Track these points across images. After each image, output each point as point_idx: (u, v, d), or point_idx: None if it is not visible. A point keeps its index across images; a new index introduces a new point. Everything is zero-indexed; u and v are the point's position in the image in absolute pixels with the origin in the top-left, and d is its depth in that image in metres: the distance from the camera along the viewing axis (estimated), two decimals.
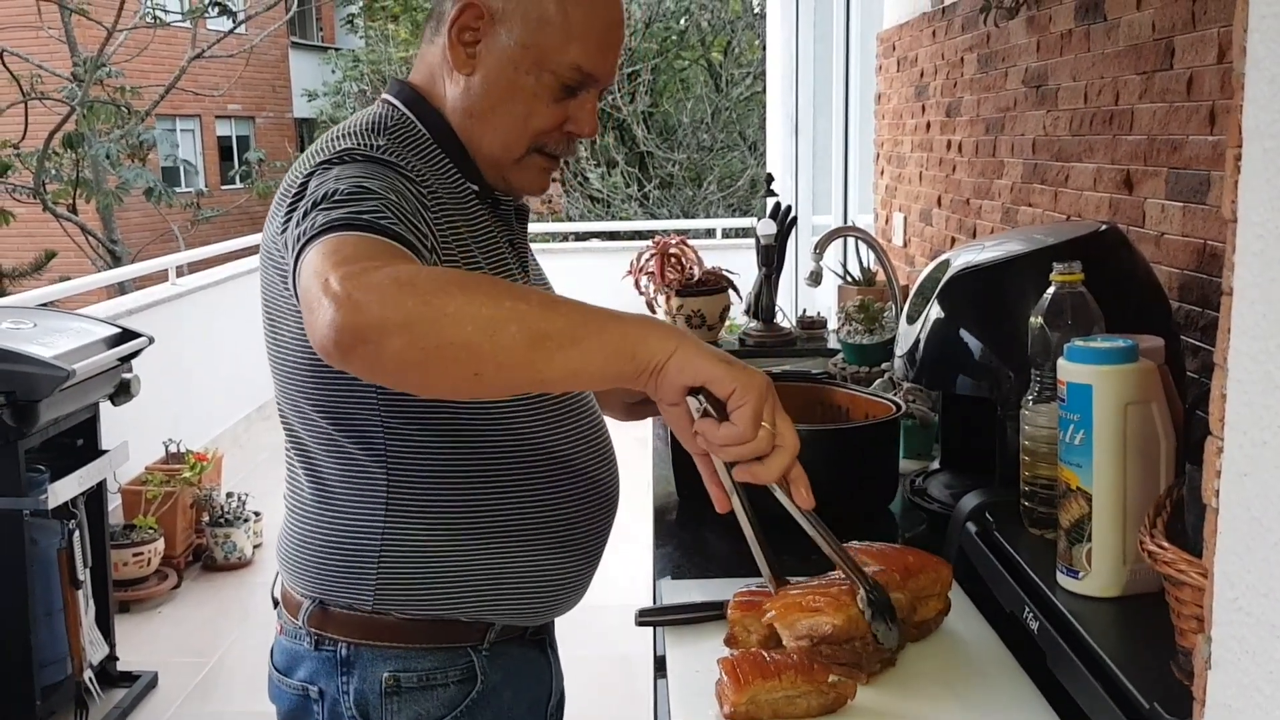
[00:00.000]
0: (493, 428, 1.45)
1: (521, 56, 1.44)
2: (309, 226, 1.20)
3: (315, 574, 1.49)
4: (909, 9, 3.87)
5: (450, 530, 1.45)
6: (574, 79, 1.46)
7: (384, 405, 1.41)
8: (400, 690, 1.47)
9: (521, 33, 1.43)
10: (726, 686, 1.28)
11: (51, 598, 3.55)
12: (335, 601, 1.48)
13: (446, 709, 1.49)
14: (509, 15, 1.43)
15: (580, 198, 14.35)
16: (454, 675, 1.49)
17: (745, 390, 1.14)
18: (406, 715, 1.47)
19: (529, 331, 1.09)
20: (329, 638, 1.49)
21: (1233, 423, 0.83)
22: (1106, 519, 1.32)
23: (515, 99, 1.45)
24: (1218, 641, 0.85)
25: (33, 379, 3.32)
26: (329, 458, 1.47)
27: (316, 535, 1.49)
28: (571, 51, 1.44)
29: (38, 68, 10.70)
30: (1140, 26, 2.05)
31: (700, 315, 3.60)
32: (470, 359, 1.08)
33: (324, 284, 1.10)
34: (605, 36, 1.47)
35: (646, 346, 1.12)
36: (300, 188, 1.32)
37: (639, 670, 3.29)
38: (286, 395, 1.50)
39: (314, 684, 1.51)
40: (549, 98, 1.46)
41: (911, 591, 1.45)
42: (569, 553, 1.54)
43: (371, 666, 1.47)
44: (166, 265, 6.70)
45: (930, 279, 1.89)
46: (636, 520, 2.12)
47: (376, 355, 1.08)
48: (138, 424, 4.84)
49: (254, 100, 21.45)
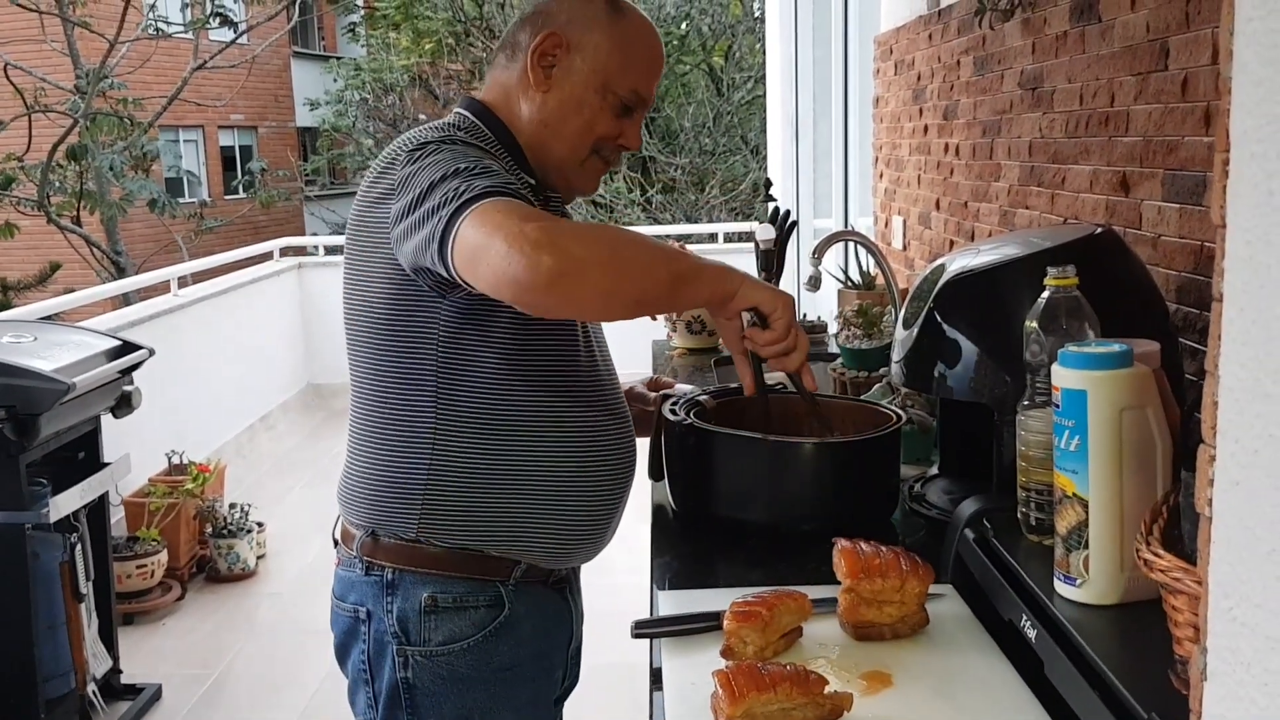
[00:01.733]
0: (531, 390, 1.69)
1: (591, 79, 1.74)
2: (450, 194, 1.47)
3: (368, 506, 1.73)
4: (905, 12, 3.86)
5: (488, 472, 1.68)
6: (631, 100, 1.76)
7: (441, 359, 1.65)
8: (438, 609, 1.70)
9: (593, 59, 1.74)
10: (722, 699, 1.27)
11: (54, 611, 3.54)
12: (384, 530, 1.71)
13: (476, 628, 1.71)
14: (583, 45, 1.74)
15: (584, 202, 14.35)
16: (484, 600, 1.71)
17: (784, 309, 1.59)
18: (442, 632, 1.70)
19: (671, 273, 1.52)
20: (377, 564, 1.72)
21: (1225, 430, 0.82)
22: (1103, 526, 1.31)
23: (583, 113, 1.75)
24: (1213, 652, 0.84)
25: (33, 392, 3.32)
26: (386, 403, 1.70)
27: (371, 470, 1.73)
28: (630, 77, 1.75)
29: (41, 81, 10.74)
30: (1135, 28, 2.04)
31: (700, 320, 3.59)
32: (637, 291, 1.52)
33: (517, 235, 1.39)
34: (654, 65, 1.81)
35: (727, 284, 1.57)
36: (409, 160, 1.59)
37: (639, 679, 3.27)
38: (357, 349, 1.74)
39: (363, 605, 1.74)
40: (610, 113, 1.76)
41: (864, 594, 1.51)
42: (590, 506, 1.75)
43: (413, 589, 1.70)
44: (168, 276, 6.68)
45: (926, 283, 1.88)
46: (639, 527, 2.11)
47: (578, 286, 1.44)
48: (140, 436, 4.84)
49: (256, 110, 21.48)
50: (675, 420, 1.96)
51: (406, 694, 1.71)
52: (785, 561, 1.81)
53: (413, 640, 1.70)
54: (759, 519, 1.89)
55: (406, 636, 1.70)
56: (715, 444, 1.92)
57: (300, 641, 4.38)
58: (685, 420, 1.95)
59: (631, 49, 1.76)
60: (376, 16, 19.58)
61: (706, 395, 2.09)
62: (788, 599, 1.49)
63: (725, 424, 1.95)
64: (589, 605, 1.98)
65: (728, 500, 1.93)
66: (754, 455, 1.89)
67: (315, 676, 4.09)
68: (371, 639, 1.73)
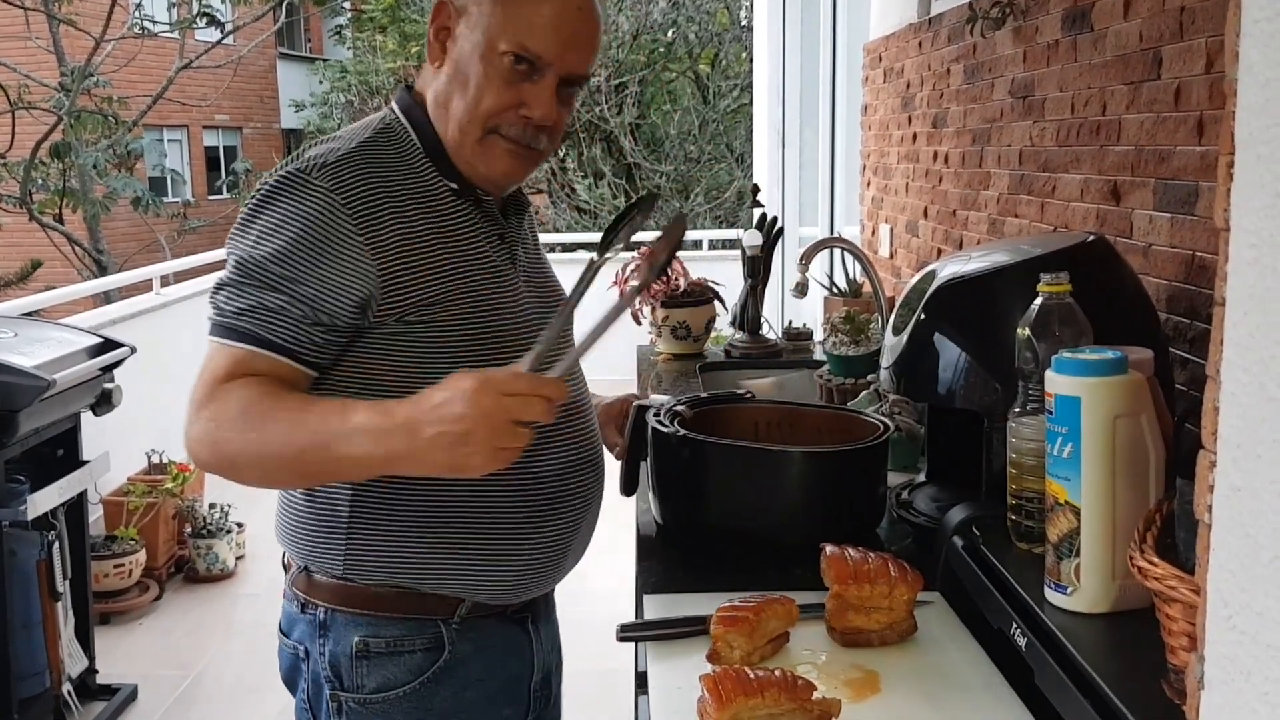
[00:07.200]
0: None
1: (476, 45, 1.54)
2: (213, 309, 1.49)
3: (298, 541, 1.61)
4: (895, 20, 3.86)
5: (415, 507, 1.54)
6: (523, 57, 1.53)
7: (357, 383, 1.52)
8: (369, 654, 1.57)
9: (476, 22, 1.54)
10: (708, 704, 1.26)
11: (30, 610, 3.51)
12: (315, 566, 1.60)
13: (413, 675, 1.58)
14: (467, 8, 1.55)
15: (567, 209, 14.32)
16: (421, 644, 1.58)
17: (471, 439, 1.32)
18: (375, 679, 1.58)
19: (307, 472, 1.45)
20: (312, 602, 1.61)
21: (1226, 436, 0.81)
22: (1096, 533, 1.30)
23: (469, 84, 1.55)
24: (1211, 661, 0.83)
25: (12, 389, 3.29)
26: None
27: (298, 504, 1.61)
28: (519, 34, 1.52)
29: (25, 78, 10.68)
30: (1127, 37, 2.04)
31: (685, 326, 3.58)
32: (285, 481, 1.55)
33: (189, 421, 1.45)
34: (555, 21, 1.54)
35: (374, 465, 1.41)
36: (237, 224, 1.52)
37: (621, 684, 3.26)
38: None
39: (301, 644, 1.63)
40: (499, 80, 1.53)
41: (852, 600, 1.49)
42: (539, 537, 1.61)
43: (344, 631, 1.58)
44: (150, 275, 6.65)
45: (916, 290, 1.87)
46: (620, 533, 2.10)
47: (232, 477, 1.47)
48: (121, 434, 4.80)
49: (242, 111, 21.41)
50: (667, 432, 1.91)
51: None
52: (772, 566, 1.80)
53: (345, 686, 1.59)
54: (752, 526, 1.87)
55: (340, 681, 1.59)
56: (709, 454, 1.88)
57: (277, 643, 4.32)
58: (678, 432, 1.91)
59: (519, 2, 1.53)
60: (363, 19, 19.54)
61: (684, 405, 2.04)
62: (775, 604, 1.48)
63: (707, 434, 1.92)
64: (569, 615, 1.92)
65: (723, 510, 1.89)
66: (761, 465, 1.88)
67: None
68: (310, 679, 1.63)
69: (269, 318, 1.45)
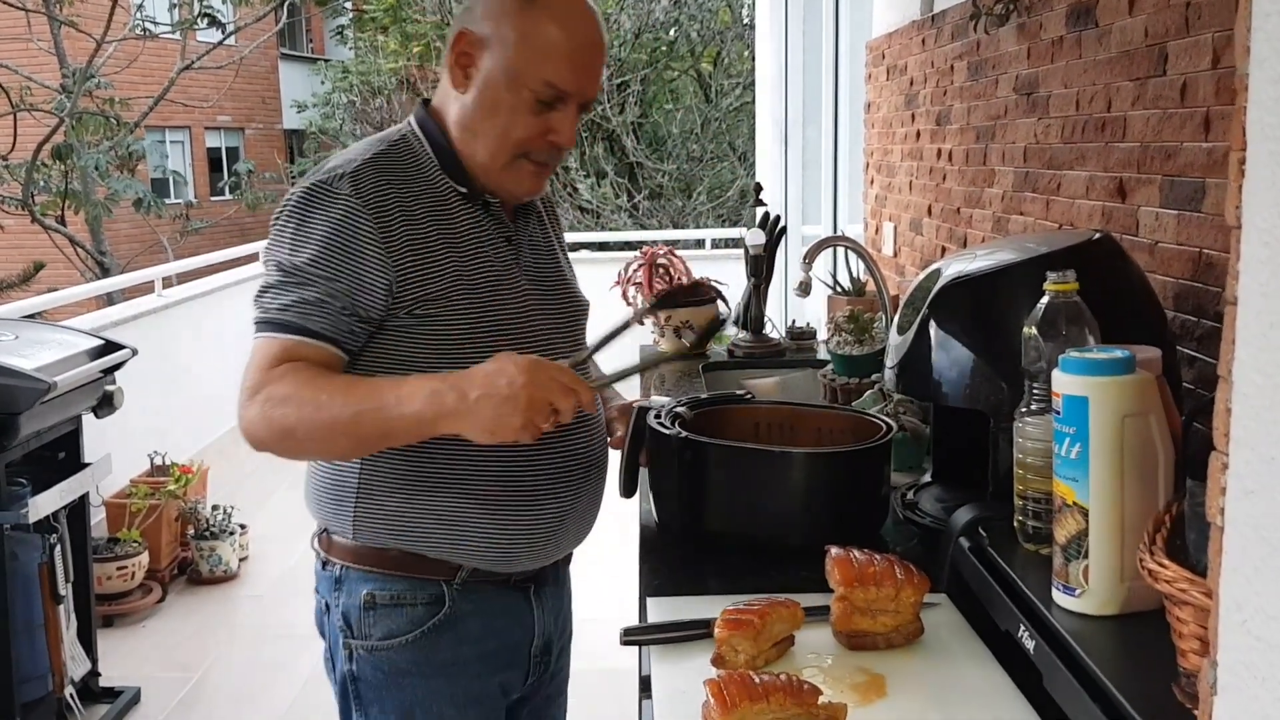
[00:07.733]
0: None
1: (503, 76, 1.66)
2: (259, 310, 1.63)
3: (317, 504, 1.79)
4: (898, 17, 3.84)
5: (418, 476, 1.70)
6: (548, 94, 1.66)
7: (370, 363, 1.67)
8: (375, 605, 1.73)
9: (502, 55, 1.66)
10: (713, 709, 1.25)
11: (32, 613, 3.50)
12: (333, 529, 1.77)
13: (414, 625, 1.73)
14: (493, 41, 1.66)
15: (570, 208, 14.30)
16: (422, 599, 1.74)
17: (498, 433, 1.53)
18: (380, 628, 1.74)
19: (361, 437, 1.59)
20: (330, 560, 1.78)
21: (1238, 438, 0.79)
22: (1104, 535, 1.29)
23: (498, 114, 1.68)
24: (1224, 666, 0.82)
25: (13, 391, 3.28)
26: None
27: (317, 470, 1.78)
28: (545, 70, 1.65)
29: (27, 79, 10.66)
30: (1132, 33, 2.03)
31: (689, 325, 3.56)
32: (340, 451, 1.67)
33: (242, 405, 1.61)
34: (576, 56, 1.67)
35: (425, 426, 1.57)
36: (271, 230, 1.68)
37: (626, 687, 3.25)
38: None
39: (324, 598, 1.81)
40: (527, 111, 1.67)
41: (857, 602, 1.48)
42: (529, 516, 1.73)
43: (355, 585, 1.75)
44: (152, 277, 6.64)
45: (921, 289, 1.86)
46: (624, 536, 2.09)
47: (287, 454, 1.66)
48: (123, 436, 4.79)
49: (243, 112, 21.40)
50: (668, 434, 1.91)
51: (353, 685, 1.78)
52: (777, 569, 1.78)
53: (356, 634, 1.76)
54: (754, 528, 1.86)
55: (351, 630, 1.76)
56: (710, 456, 1.87)
57: (281, 645, 4.33)
58: (679, 434, 1.90)
59: (541, 39, 1.64)
60: (365, 19, 19.53)
61: (684, 406, 2.03)
62: (780, 607, 1.47)
63: (708, 435, 1.91)
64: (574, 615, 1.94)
65: (725, 512, 1.88)
66: (763, 466, 1.86)
67: (296, 680, 4.04)
68: (330, 630, 1.81)
69: (310, 310, 1.61)
